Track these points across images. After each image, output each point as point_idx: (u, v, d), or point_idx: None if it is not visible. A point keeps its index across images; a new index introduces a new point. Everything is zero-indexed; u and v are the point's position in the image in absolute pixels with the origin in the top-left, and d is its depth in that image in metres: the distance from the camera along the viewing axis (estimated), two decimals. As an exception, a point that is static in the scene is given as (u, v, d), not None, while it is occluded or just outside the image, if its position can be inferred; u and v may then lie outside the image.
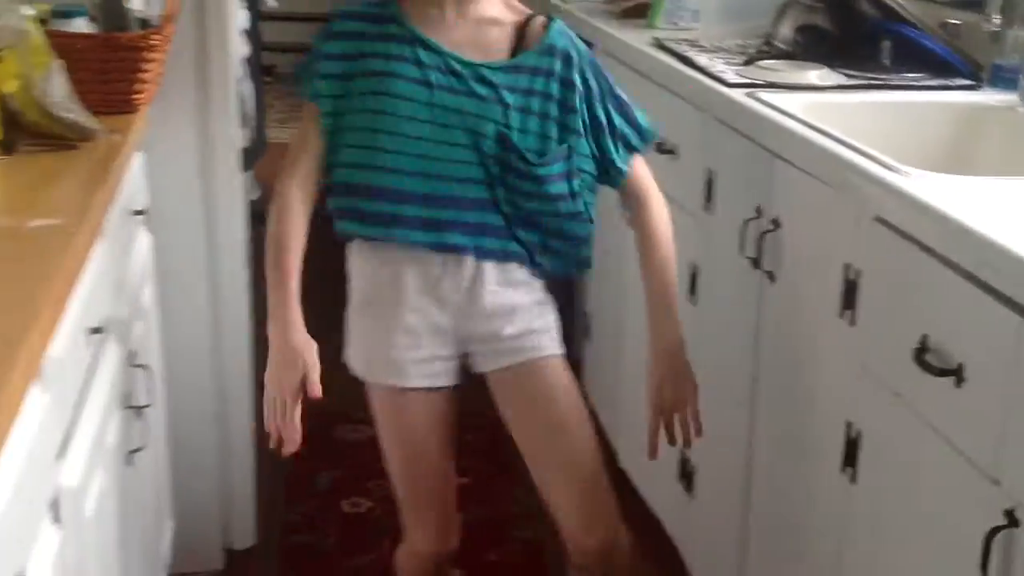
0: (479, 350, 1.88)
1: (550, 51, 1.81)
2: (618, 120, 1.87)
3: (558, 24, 1.85)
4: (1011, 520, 1.35)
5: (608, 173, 1.89)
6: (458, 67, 1.77)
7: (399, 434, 1.92)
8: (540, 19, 1.85)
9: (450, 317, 1.84)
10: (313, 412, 1.82)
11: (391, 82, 1.76)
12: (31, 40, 1.83)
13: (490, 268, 1.83)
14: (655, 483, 2.64)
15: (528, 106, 1.79)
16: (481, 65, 1.78)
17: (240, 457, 2.53)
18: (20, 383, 1.15)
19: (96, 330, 1.59)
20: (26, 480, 1.17)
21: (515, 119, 1.78)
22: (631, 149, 1.90)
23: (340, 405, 2.66)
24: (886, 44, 2.43)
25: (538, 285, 1.90)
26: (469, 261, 1.81)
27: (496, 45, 1.81)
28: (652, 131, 1.92)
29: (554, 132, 1.80)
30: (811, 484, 1.90)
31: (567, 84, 1.81)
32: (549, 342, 1.90)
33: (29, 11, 1.87)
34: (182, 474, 2.41)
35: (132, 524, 1.82)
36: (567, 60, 1.82)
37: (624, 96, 1.89)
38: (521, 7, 1.87)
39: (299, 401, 1.77)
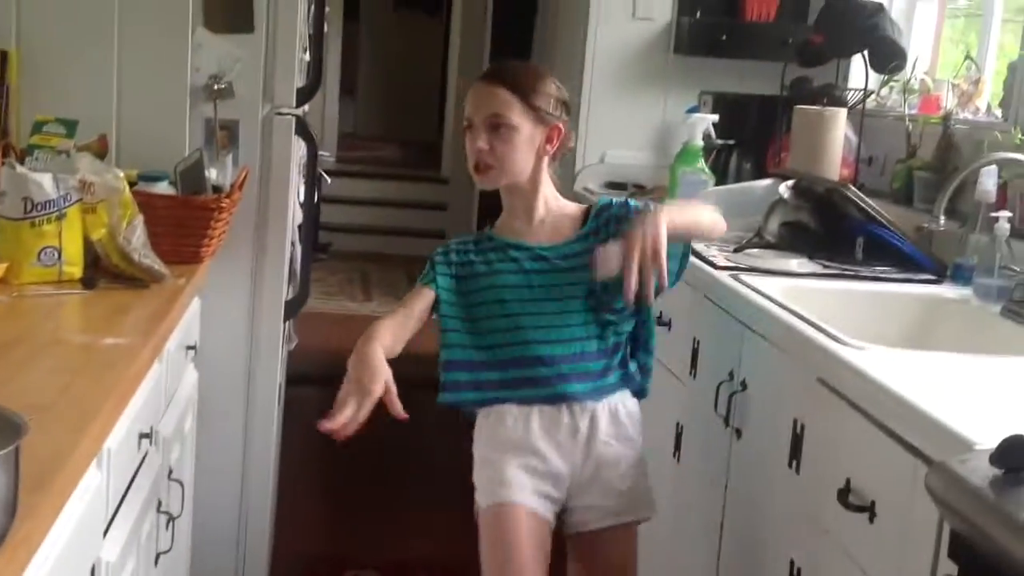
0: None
1: (596, 215, 2.22)
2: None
3: (603, 198, 2.28)
4: (908, 634, 1.58)
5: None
6: (543, 253, 2.18)
7: (503, 549, 2.10)
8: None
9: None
10: (323, 555, 2.05)
11: (496, 278, 2.17)
12: (121, 196, 2.19)
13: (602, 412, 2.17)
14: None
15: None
16: (558, 246, 2.18)
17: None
18: (82, 461, 1.44)
19: (145, 435, 1.89)
20: (75, 542, 1.44)
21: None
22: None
23: (347, 548, 2.98)
24: (860, 241, 2.74)
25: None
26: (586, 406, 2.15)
27: (569, 230, 2.21)
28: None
29: None
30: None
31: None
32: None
33: (120, 173, 2.24)
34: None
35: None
36: (607, 208, 2.22)
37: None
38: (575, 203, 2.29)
39: (366, 402, 1.98)
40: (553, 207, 2.22)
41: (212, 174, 2.46)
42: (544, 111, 2.15)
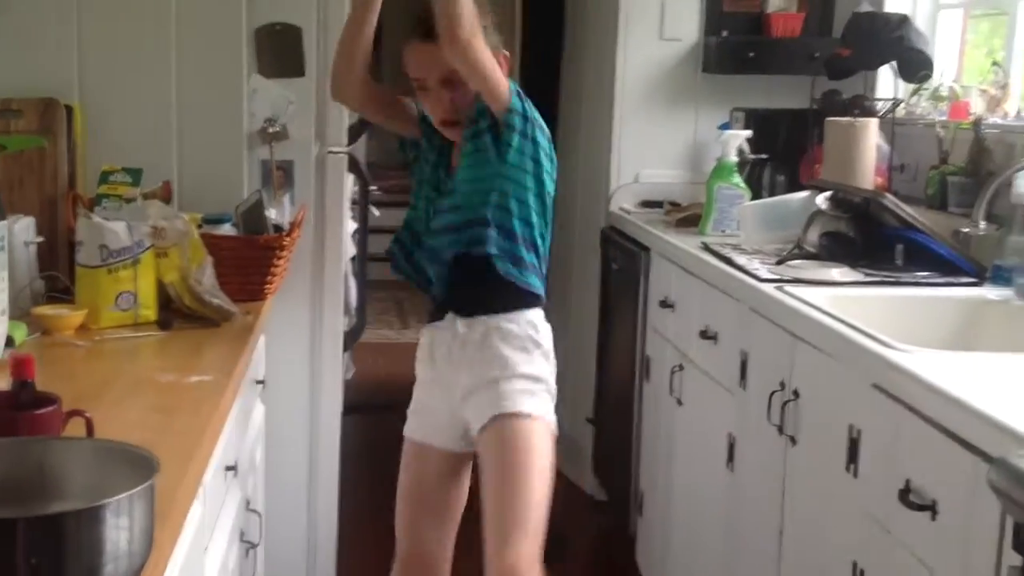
0: None
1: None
2: None
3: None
4: (978, 627, 1.64)
5: None
6: None
7: None
8: None
9: None
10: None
11: None
12: (190, 240, 2.29)
13: None
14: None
15: None
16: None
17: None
18: (188, 493, 1.53)
19: (230, 467, 1.98)
20: (185, 571, 1.54)
21: None
22: None
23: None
24: (900, 248, 2.81)
25: None
26: None
27: None
28: None
29: None
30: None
31: None
32: None
33: (186, 217, 2.34)
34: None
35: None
36: None
37: None
38: None
39: None
40: None
41: (271, 214, 2.55)
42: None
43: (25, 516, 1.06)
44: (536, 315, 2.29)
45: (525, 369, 2.24)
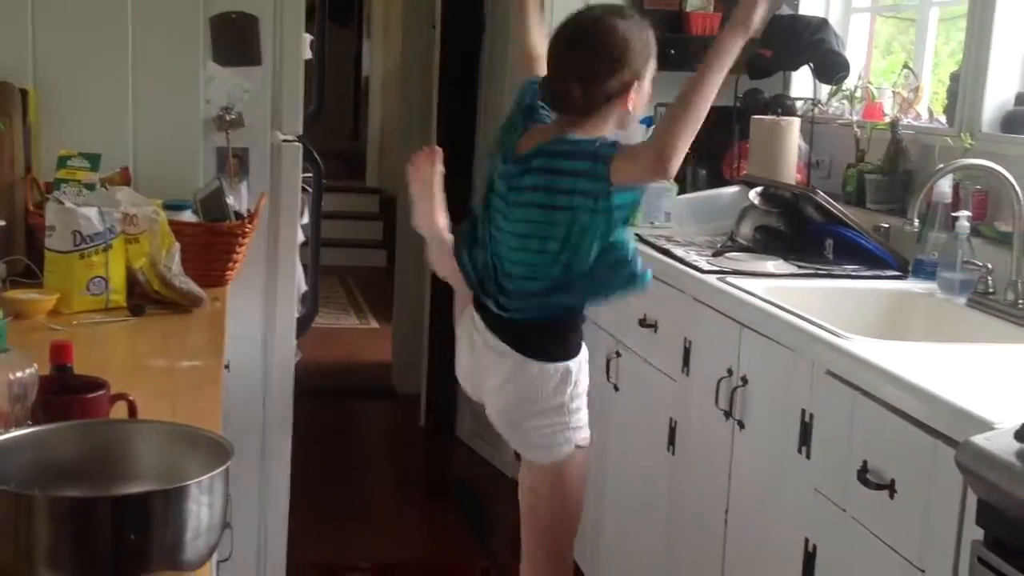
0: None
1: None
2: None
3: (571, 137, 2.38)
4: (934, 599, 1.79)
5: None
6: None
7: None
8: None
9: None
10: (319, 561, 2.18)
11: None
12: (159, 226, 2.31)
13: None
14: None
15: None
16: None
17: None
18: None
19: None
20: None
21: None
22: None
23: (342, 554, 3.11)
24: (829, 242, 2.97)
25: None
26: None
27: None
28: None
29: None
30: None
31: None
32: None
33: (155, 204, 2.36)
34: None
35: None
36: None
37: None
38: None
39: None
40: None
41: (231, 200, 2.58)
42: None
43: (124, 494, 1.11)
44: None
45: (546, 404, 2.42)
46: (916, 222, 2.58)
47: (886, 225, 3.09)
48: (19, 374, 1.32)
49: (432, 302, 4.73)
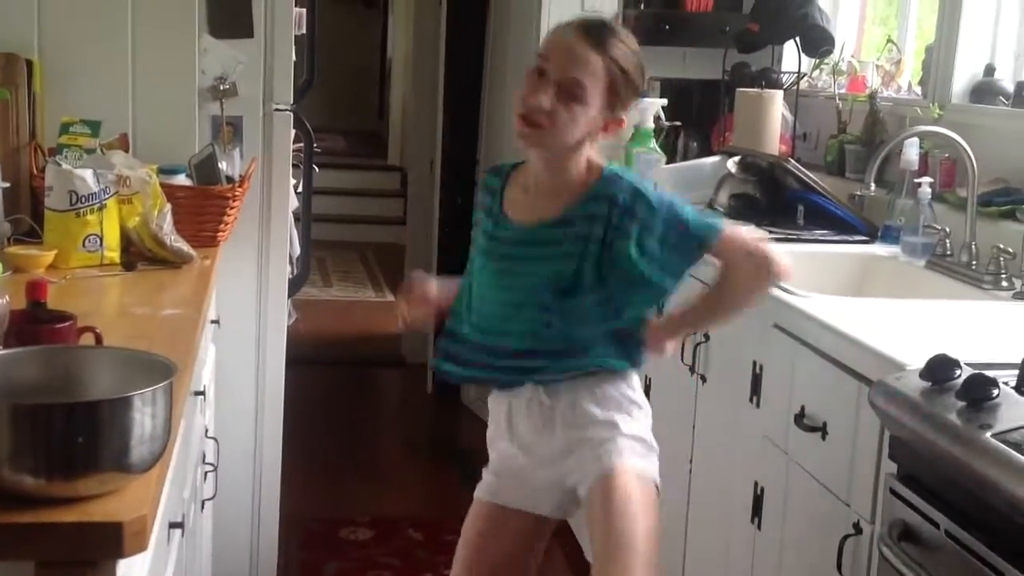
0: None
1: (596, 196, 1.94)
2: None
3: (611, 168, 1.99)
4: (857, 530, 1.91)
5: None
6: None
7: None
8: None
9: None
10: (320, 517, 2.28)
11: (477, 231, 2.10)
12: (151, 188, 2.46)
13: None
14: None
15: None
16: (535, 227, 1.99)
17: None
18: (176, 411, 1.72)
19: (199, 392, 2.17)
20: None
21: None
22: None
23: (340, 509, 3.25)
24: (800, 208, 3.08)
25: None
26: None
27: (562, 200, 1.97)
28: (707, 226, 1.99)
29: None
30: (728, 536, 2.45)
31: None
32: None
33: (148, 167, 2.51)
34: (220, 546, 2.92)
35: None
36: (612, 188, 1.94)
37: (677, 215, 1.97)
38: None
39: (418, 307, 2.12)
40: (568, 176, 1.97)
41: (223, 166, 2.72)
42: (621, 102, 1.95)
43: (75, 402, 1.26)
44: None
45: (627, 430, 2.04)
46: (873, 187, 2.69)
47: (860, 193, 3.19)
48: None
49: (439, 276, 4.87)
